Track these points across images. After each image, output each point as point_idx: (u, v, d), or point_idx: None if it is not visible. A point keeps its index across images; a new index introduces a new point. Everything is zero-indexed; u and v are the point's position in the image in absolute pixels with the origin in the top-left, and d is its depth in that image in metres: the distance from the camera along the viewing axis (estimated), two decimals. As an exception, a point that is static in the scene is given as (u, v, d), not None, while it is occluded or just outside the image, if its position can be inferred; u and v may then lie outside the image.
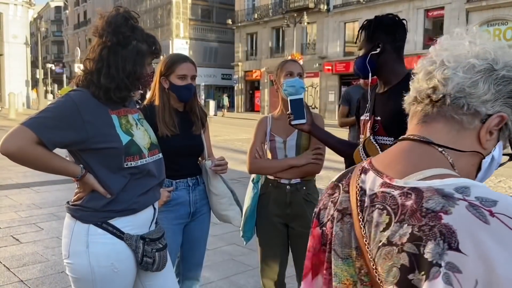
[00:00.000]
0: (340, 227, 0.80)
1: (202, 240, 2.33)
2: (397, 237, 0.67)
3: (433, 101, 0.77)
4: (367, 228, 0.73)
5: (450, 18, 22.27)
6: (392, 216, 0.69)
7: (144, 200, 1.65)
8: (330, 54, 27.56)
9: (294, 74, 2.25)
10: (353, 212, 0.77)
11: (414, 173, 0.73)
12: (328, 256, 0.83)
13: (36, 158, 1.47)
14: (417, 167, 0.74)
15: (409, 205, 0.68)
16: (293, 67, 2.27)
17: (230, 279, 3.42)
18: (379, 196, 0.74)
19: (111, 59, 1.57)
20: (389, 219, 0.70)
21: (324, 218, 0.88)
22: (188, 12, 36.73)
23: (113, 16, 1.59)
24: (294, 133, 2.27)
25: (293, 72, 2.25)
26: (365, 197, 0.77)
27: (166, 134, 2.10)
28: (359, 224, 0.75)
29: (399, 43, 1.77)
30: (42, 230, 4.46)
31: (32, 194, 6.05)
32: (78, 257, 1.56)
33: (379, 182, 0.76)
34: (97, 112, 1.56)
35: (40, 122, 1.46)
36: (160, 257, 1.66)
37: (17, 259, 3.67)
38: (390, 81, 1.78)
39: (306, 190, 2.28)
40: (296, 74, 2.25)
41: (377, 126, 1.76)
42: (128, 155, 1.59)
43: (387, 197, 0.73)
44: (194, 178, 2.24)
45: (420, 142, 0.78)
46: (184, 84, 2.15)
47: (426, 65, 0.81)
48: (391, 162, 0.79)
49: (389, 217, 0.70)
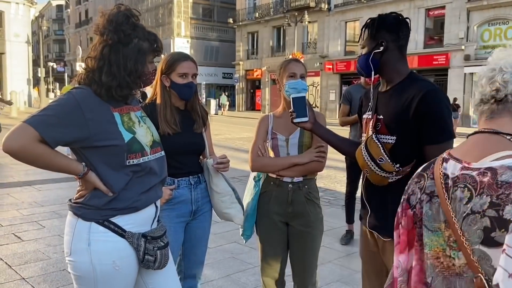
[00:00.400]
0: (429, 207, 1.02)
1: (203, 238, 2.34)
2: (478, 206, 0.87)
3: (497, 100, 0.99)
4: (453, 204, 0.94)
5: (451, 17, 22.23)
6: (473, 191, 0.90)
7: (146, 198, 1.65)
8: (331, 53, 27.53)
9: (297, 75, 2.24)
10: (440, 193, 0.99)
11: (487, 156, 0.93)
12: (418, 231, 1.05)
13: (38, 156, 1.47)
14: (489, 152, 0.94)
15: (486, 181, 0.88)
16: (296, 68, 2.26)
17: (231, 277, 3.43)
18: (460, 178, 0.96)
19: (112, 57, 1.56)
20: (470, 194, 0.90)
21: (414, 202, 1.08)
22: (189, 11, 36.71)
23: (114, 14, 1.59)
24: (297, 131, 2.27)
25: (296, 74, 2.24)
26: (448, 180, 0.98)
27: (167, 132, 2.10)
28: (445, 202, 0.96)
29: (402, 42, 1.76)
30: (44, 228, 4.47)
31: (34, 192, 6.06)
32: (80, 255, 1.56)
33: (459, 167, 0.98)
34: (99, 109, 1.56)
35: (42, 120, 1.46)
36: (162, 255, 1.66)
37: (19, 257, 3.68)
38: (393, 79, 1.78)
39: (308, 189, 2.28)
40: (299, 75, 2.25)
41: (380, 124, 1.76)
42: (130, 153, 1.59)
43: (467, 177, 0.94)
44: (196, 176, 2.25)
45: (490, 133, 0.99)
46: (185, 82, 2.16)
47: (487, 72, 1.01)
48: (468, 151, 1.01)
49: (470, 192, 0.91)
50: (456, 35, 21.93)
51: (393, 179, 1.70)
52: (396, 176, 1.69)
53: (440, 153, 1.67)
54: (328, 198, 6.24)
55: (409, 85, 1.71)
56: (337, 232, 4.56)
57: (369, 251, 1.91)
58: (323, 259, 3.69)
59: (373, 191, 1.81)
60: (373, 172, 1.72)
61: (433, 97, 1.64)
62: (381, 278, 1.91)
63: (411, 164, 1.67)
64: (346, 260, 3.89)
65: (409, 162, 1.67)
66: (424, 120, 1.63)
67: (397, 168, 1.66)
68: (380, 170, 1.69)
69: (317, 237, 2.31)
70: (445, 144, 1.64)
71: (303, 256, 2.30)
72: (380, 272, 1.90)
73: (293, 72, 2.24)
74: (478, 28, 21.63)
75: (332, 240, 4.35)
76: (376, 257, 1.88)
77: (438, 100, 1.64)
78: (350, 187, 4.44)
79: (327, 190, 6.72)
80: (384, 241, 1.79)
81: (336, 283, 3.38)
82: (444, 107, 1.65)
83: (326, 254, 3.92)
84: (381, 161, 1.68)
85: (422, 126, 1.65)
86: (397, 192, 1.73)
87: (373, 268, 1.91)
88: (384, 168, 1.68)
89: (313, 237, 2.29)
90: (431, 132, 1.63)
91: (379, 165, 1.69)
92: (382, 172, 1.69)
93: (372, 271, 1.92)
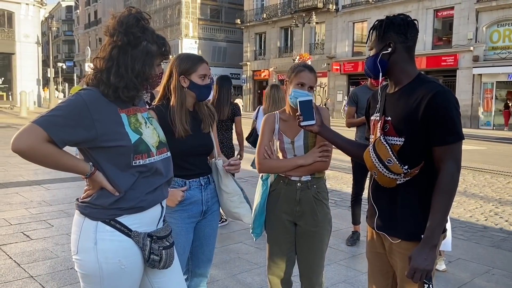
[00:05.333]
0: None
1: (212, 237, 2.35)
2: None
3: None
4: None
5: (459, 18, 22.06)
6: None
7: (151, 198, 1.67)
8: (339, 54, 27.45)
9: (305, 86, 2.22)
10: None
11: None
12: None
13: (46, 155, 1.49)
14: None
15: None
16: (307, 79, 2.24)
17: (236, 277, 3.43)
18: None
19: (121, 58, 1.58)
20: None
21: None
22: (197, 12, 36.83)
23: (125, 16, 1.60)
24: (301, 133, 2.27)
25: (304, 84, 2.22)
26: None
27: (182, 134, 2.12)
28: None
29: (410, 43, 1.75)
30: (52, 227, 4.51)
31: (43, 191, 6.12)
32: (86, 253, 1.58)
33: None
34: (107, 110, 1.57)
35: (51, 121, 1.47)
36: (167, 254, 1.67)
37: (27, 255, 3.72)
38: (401, 81, 1.77)
39: (317, 188, 2.29)
40: (307, 87, 2.23)
41: (388, 126, 1.75)
42: (136, 154, 1.60)
43: None
44: (206, 177, 2.26)
45: None
46: (205, 83, 2.19)
47: None
48: None
49: None
50: (465, 36, 21.76)
51: (401, 180, 1.70)
52: (405, 178, 1.68)
53: (449, 155, 1.67)
54: (334, 199, 6.22)
55: (417, 87, 1.70)
56: (343, 233, 4.54)
57: (376, 253, 1.90)
58: (329, 260, 3.68)
59: (381, 192, 1.80)
60: (381, 174, 1.72)
61: (442, 98, 1.63)
62: (387, 279, 1.90)
63: (420, 165, 1.66)
64: (351, 261, 3.87)
65: (417, 164, 1.66)
66: (433, 121, 1.62)
67: (405, 169, 1.66)
68: (388, 171, 1.69)
69: (324, 237, 2.31)
70: (454, 145, 1.63)
71: (310, 255, 2.30)
72: (386, 273, 1.89)
73: (302, 82, 2.23)
74: (487, 29, 21.44)
75: (338, 241, 4.34)
76: (382, 259, 1.87)
77: (447, 101, 1.63)
78: (356, 188, 4.42)
79: (333, 191, 6.70)
80: (391, 243, 1.78)
81: (341, 284, 3.37)
82: (453, 108, 1.64)
83: (332, 255, 3.91)
84: (389, 162, 1.67)
85: (431, 127, 1.64)
86: (405, 193, 1.73)
87: (379, 270, 1.91)
88: (392, 170, 1.67)
89: (321, 236, 2.29)
90: (440, 133, 1.63)
91: (387, 167, 1.68)
92: (390, 174, 1.69)
93: (378, 273, 1.92)
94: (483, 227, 5.12)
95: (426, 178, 1.68)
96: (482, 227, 5.14)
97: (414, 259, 1.61)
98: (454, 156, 1.64)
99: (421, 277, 1.61)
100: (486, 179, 8.31)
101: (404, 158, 1.67)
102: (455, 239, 4.27)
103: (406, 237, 1.73)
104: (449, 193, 1.63)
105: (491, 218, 5.55)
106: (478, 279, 3.56)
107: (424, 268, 1.60)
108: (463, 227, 5.08)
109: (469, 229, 5.00)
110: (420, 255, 1.61)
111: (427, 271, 1.61)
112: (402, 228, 1.74)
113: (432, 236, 1.62)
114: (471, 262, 3.93)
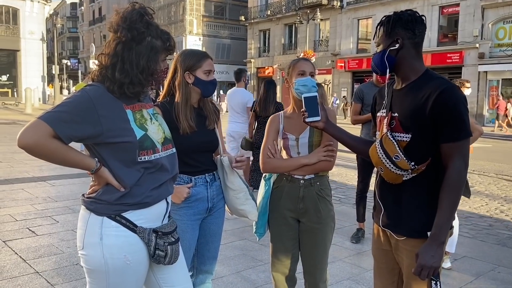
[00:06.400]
0: None
1: (217, 234, 2.35)
2: None
3: None
4: None
5: (465, 15, 21.90)
6: None
7: (157, 194, 1.67)
8: (343, 51, 27.35)
9: (306, 73, 2.23)
10: None
11: None
12: None
13: (52, 151, 1.49)
14: None
15: None
16: (305, 66, 2.25)
17: (241, 274, 3.44)
18: None
19: (125, 54, 1.57)
20: None
21: None
22: (202, 8, 36.79)
23: (129, 12, 1.60)
24: (306, 131, 2.26)
25: (305, 72, 2.23)
26: None
27: (187, 131, 2.11)
28: None
29: (418, 39, 1.73)
30: (57, 223, 4.53)
31: (48, 187, 6.15)
32: (92, 249, 1.58)
33: None
34: (112, 106, 1.57)
35: (56, 116, 1.47)
36: (172, 250, 1.67)
37: (33, 251, 3.74)
38: (408, 77, 1.75)
39: (320, 185, 2.28)
40: (308, 73, 2.23)
41: (394, 122, 1.73)
42: (142, 150, 1.60)
43: None
44: (211, 174, 2.26)
45: None
46: (210, 79, 2.18)
47: None
48: None
49: None
50: (471, 33, 21.60)
51: (407, 177, 1.68)
52: (411, 174, 1.67)
53: (457, 151, 1.66)
54: (338, 196, 6.21)
55: (425, 83, 1.69)
56: (348, 231, 4.54)
57: (382, 250, 1.89)
58: (334, 257, 3.68)
59: (387, 189, 1.79)
60: (388, 170, 1.71)
61: (450, 94, 1.61)
62: (393, 276, 1.90)
63: (426, 162, 1.65)
64: (356, 259, 3.87)
65: (424, 160, 1.65)
66: (441, 118, 1.61)
67: (412, 166, 1.65)
68: (395, 167, 1.67)
69: (328, 233, 2.30)
70: (462, 142, 1.62)
71: (314, 252, 2.29)
72: (392, 270, 1.88)
73: (302, 70, 2.23)
74: (493, 26, 21.28)
75: (343, 238, 4.33)
76: (388, 256, 1.86)
77: (455, 98, 1.62)
78: (361, 185, 4.41)
79: (338, 188, 6.69)
80: (397, 240, 1.77)
81: (346, 281, 3.36)
82: (461, 104, 1.62)
83: (337, 252, 3.91)
84: (397, 158, 1.66)
85: (438, 124, 1.62)
86: (411, 190, 1.72)
87: (385, 267, 1.90)
88: (399, 166, 1.66)
89: (324, 233, 2.28)
90: (448, 130, 1.61)
91: (395, 163, 1.67)
92: (397, 170, 1.68)
93: (384, 270, 1.91)
94: (489, 225, 5.10)
95: (432, 175, 1.67)
96: (488, 225, 5.12)
97: (421, 256, 1.60)
98: (462, 153, 1.62)
99: (428, 274, 1.60)
100: (492, 177, 8.28)
101: (410, 154, 1.66)
102: (461, 237, 4.25)
103: (411, 234, 1.72)
104: (456, 190, 1.62)
105: (497, 216, 5.52)
106: (483, 277, 3.54)
107: (432, 265, 1.59)
108: (469, 225, 5.06)
109: (475, 227, 4.98)
110: (428, 252, 1.60)
111: (435, 268, 1.60)
112: (407, 225, 1.73)
113: (439, 233, 1.61)
114: (477, 260, 3.91)
